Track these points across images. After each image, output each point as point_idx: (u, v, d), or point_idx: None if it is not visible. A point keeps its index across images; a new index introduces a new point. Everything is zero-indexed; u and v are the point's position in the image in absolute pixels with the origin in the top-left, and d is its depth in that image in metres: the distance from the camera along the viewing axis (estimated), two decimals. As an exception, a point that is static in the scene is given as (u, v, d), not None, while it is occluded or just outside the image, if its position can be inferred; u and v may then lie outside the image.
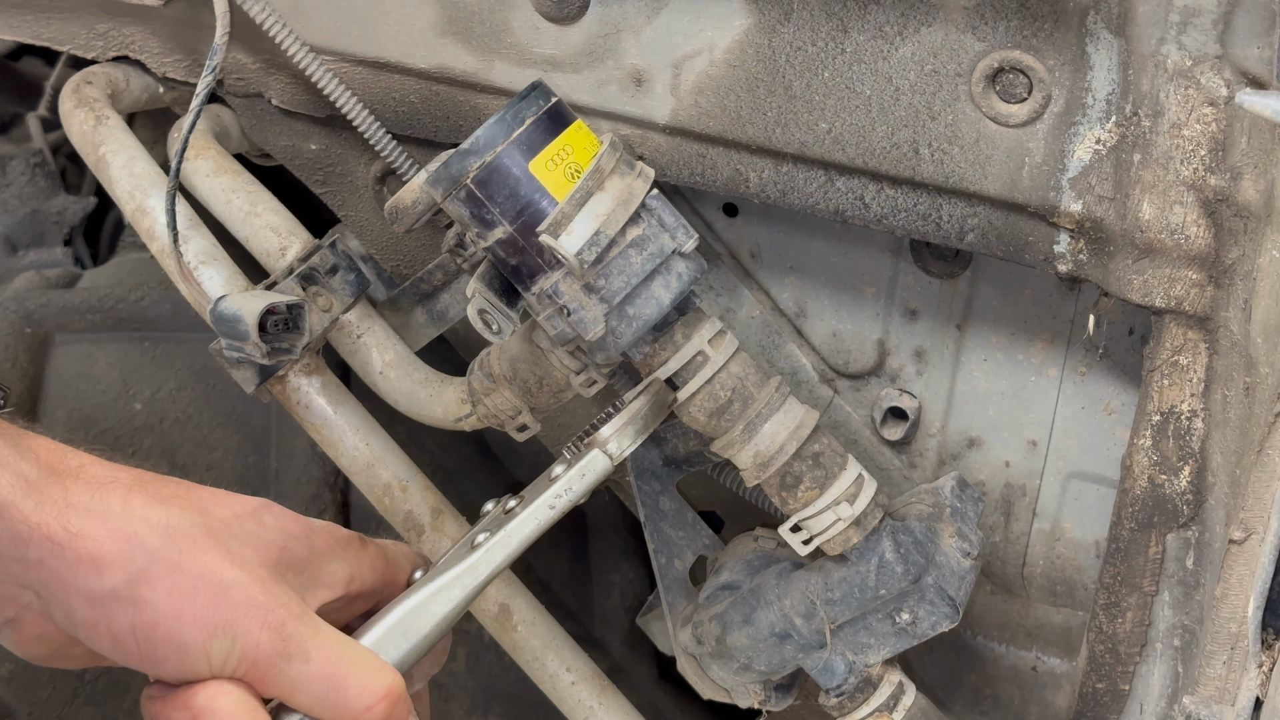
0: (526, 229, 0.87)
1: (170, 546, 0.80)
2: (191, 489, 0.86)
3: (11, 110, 2.02)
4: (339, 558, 0.88)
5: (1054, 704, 1.21)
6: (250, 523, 0.85)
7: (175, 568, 0.79)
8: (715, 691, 1.06)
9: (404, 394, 1.16)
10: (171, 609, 0.78)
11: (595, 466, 0.91)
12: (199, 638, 0.78)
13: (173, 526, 0.81)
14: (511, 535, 0.90)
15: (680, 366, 0.93)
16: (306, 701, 0.81)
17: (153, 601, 0.78)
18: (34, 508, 0.78)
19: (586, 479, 0.91)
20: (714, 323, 0.94)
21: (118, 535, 0.79)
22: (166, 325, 1.55)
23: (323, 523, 0.90)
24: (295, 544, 0.85)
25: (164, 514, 0.81)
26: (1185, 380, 0.92)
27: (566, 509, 0.91)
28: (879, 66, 0.96)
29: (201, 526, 0.82)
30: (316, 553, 0.87)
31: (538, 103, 0.88)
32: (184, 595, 0.78)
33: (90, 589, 0.78)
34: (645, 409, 0.93)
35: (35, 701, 1.46)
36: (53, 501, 0.79)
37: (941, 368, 1.18)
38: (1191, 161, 0.87)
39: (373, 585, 0.90)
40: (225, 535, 0.82)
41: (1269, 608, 0.85)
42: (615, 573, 1.63)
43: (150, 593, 0.78)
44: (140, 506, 0.81)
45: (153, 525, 0.80)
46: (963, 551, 0.98)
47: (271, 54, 1.16)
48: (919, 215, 1.00)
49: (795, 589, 0.98)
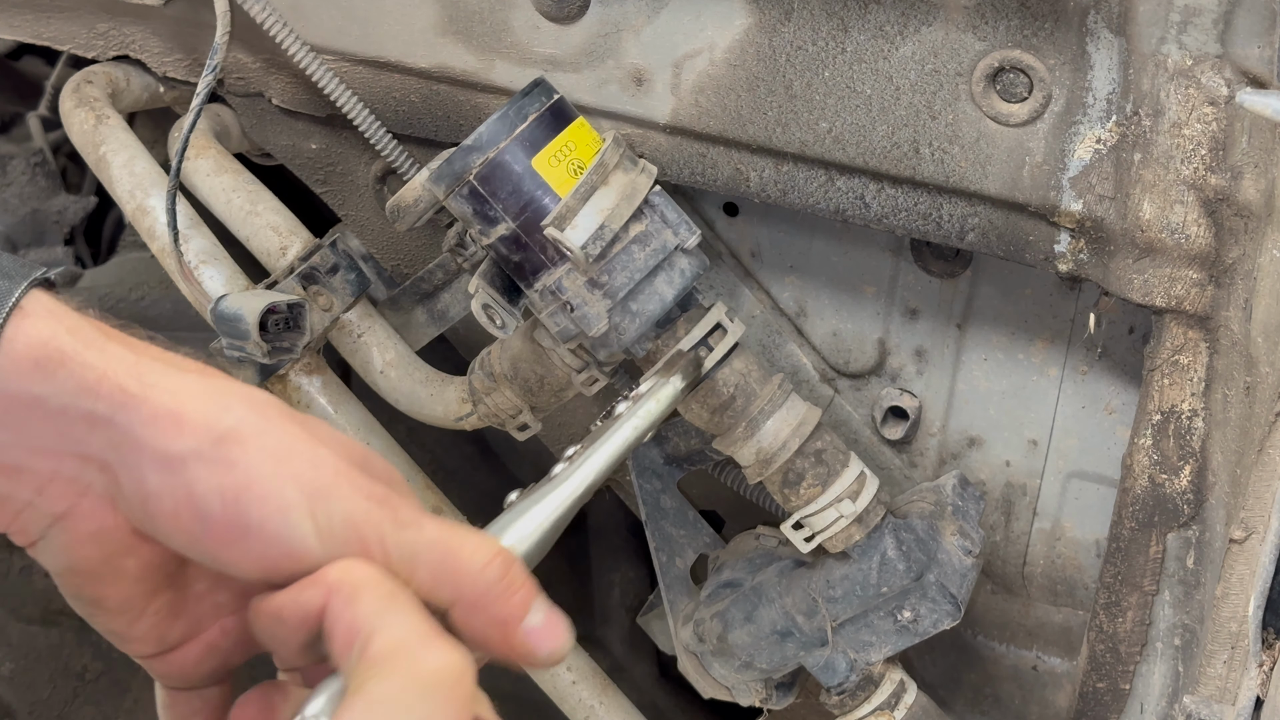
0: (530, 225, 0.87)
1: (256, 413, 0.70)
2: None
3: (12, 110, 2.02)
4: (411, 495, 0.76)
5: (1054, 703, 1.21)
6: (326, 429, 0.75)
7: (265, 431, 0.69)
8: (716, 690, 1.06)
9: (405, 393, 1.16)
10: (266, 469, 0.68)
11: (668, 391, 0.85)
12: (299, 498, 0.68)
13: (256, 396, 0.71)
14: (607, 440, 0.81)
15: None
16: (424, 574, 0.69)
17: (243, 463, 0.68)
18: (98, 356, 0.68)
19: (665, 399, 0.85)
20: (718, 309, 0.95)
21: (199, 394, 0.69)
22: (167, 324, 1.54)
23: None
24: (374, 461, 0.75)
25: (245, 390, 0.72)
26: (1186, 379, 0.92)
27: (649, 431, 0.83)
28: (879, 66, 0.96)
29: (285, 409, 0.72)
30: (395, 481, 0.76)
31: (540, 99, 0.88)
32: (278, 458, 0.69)
33: (170, 449, 0.68)
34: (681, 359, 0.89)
35: (35, 701, 1.46)
36: (119, 359, 0.69)
37: (942, 367, 1.18)
38: (1192, 161, 0.87)
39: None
40: (312, 422, 0.73)
41: (1269, 607, 0.85)
42: (616, 572, 1.63)
43: (240, 453, 0.68)
44: (219, 378, 0.72)
45: (236, 393, 0.71)
46: (964, 549, 0.98)
47: (272, 53, 1.16)
48: (919, 215, 1.00)
49: (797, 587, 0.98)
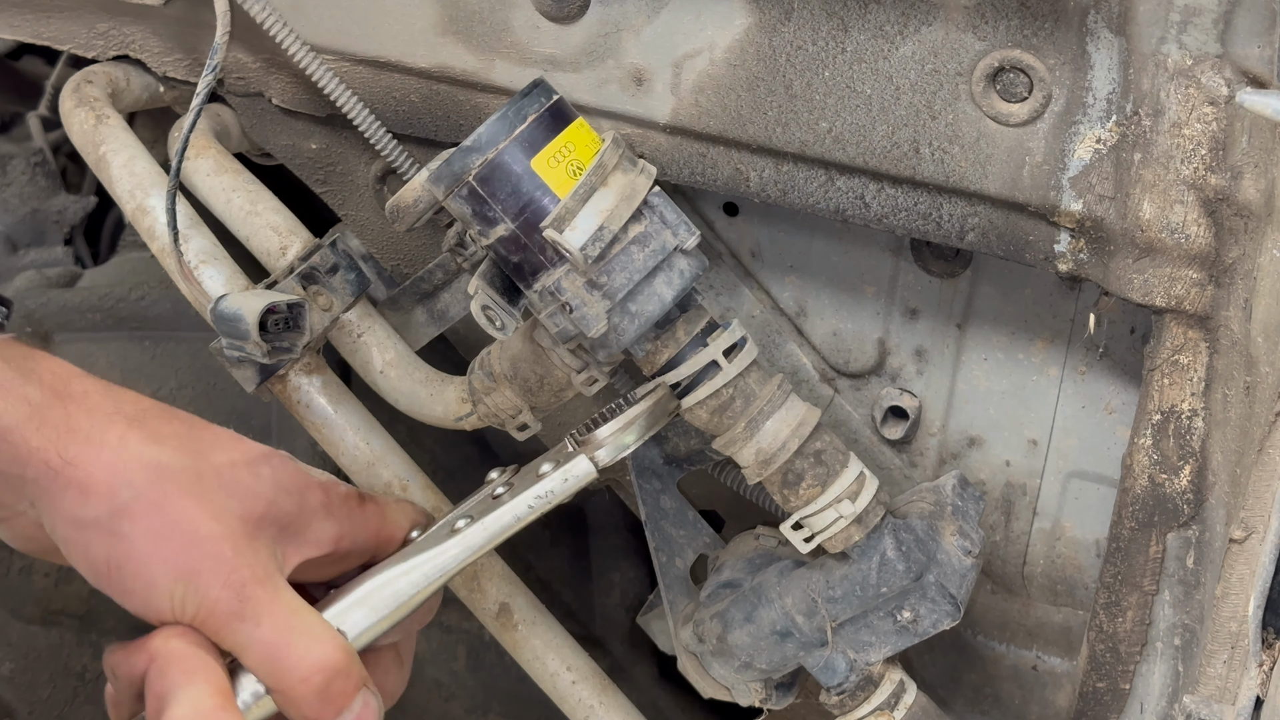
0: (529, 226, 0.87)
1: (155, 487, 0.83)
2: (194, 428, 0.88)
3: (12, 109, 2.02)
4: (330, 515, 0.89)
5: (1054, 703, 1.21)
6: (245, 472, 0.87)
7: (155, 509, 0.82)
8: (716, 690, 1.06)
9: (404, 393, 1.16)
10: (145, 547, 0.82)
11: (579, 472, 0.92)
12: (166, 579, 0.81)
13: (163, 467, 0.83)
14: (489, 527, 0.91)
15: (692, 373, 0.93)
16: (251, 663, 0.83)
17: (129, 537, 0.82)
18: (35, 432, 0.82)
19: (569, 484, 0.92)
20: (733, 332, 0.94)
21: (107, 468, 0.82)
22: (167, 324, 1.54)
23: (323, 477, 0.92)
24: (285, 498, 0.87)
25: (157, 453, 0.84)
26: (1186, 379, 0.92)
27: (546, 509, 0.92)
28: (879, 66, 0.96)
29: (191, 471, 0.84)
30: (307, 508, 0.88)
31: (539, 100, 0.88)
32: (158, 537, 0.82)
33: (75, 514, 0.82)
34: (645, 414, 0.93)
35: (35, 701, 1.46)
36: (53, 426, 0.82)
37: (942, 367, 1.18)
38: (1192, 161, 0.87)
39: (365, 544, 0.92)
40: (214, 483, 0.85)
41: (1269, 607, 0.85)
42: (616, 571, 1.63)
43: (129, 528, 0.82)
44: (136, 443, 0.84)
45: (144, 464, 0.83)
46: (964, 550, 0.98)
47: (272, 53, 1.16)
48: (919, 214, 1.00)
49: (797, 587, 0.98)
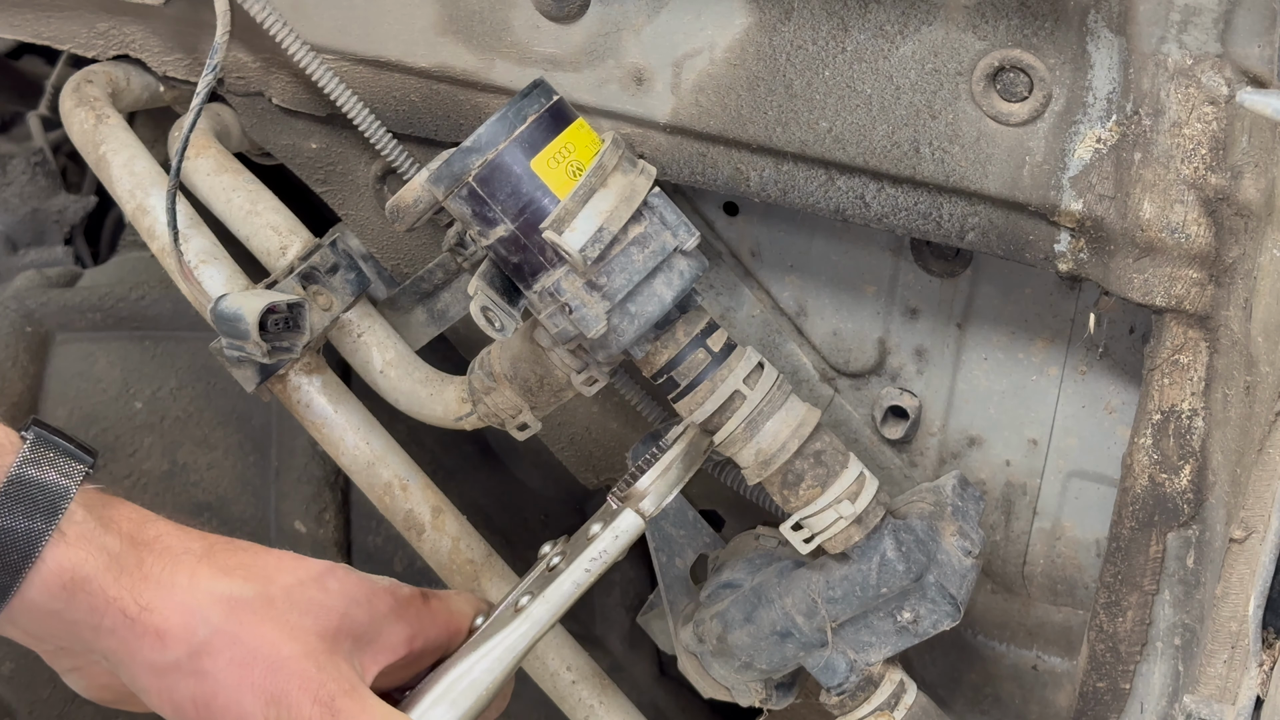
0: (528, 227, 0.87)
1: (231, 619, 0.84)
2: (258, 556, 0.90)
3: (12, 109, 2.02)
4: (400, 619, 0.91)
5: (1054, 703, 1.21)
6: (313, 589, 0.88)
7: (234, 640, 0.84)
8: (716, 690, 1.06)
9: (404, 393, 1.16)
10: (230, 679, 0.83)
11: (629, 527, 0.93)
12: (256, 706, 0.83)
13: (235, 598, 0.85)
14: (551, 600, 0.92)
15: (717, 408, 0.93)
16: None
17: (213, 673, 0.83)
18: (113, 581, 0.83)
19: (620, 540, 0.93)
20: (750, 358, 0.94)
21: (182, 609, 0.84)
22: (167, 324, 1.54)
23: (386, 582, 0.93)
24: (356, 609, 0.89)
25: (228, 586, 0.86)
26: (1186, 379, 0.92)
27: (603, 570, 0.93)
28: (880, 65, 0.96)
29: (263, 597, 0.86)
30: (377, 616, 0.90)
31: (539, 101, 0.88)
32: (242, 667, 0.83)
33: (155, 661, 0.84)
34: (680, 457, 0.95)
35: (35, 701, 1.46)
36: (129, 574, 0.84)
37: (942, 366, 1.18)
38: (1192, 160, 0.87)
39: (437, 640, 0.93)
40: (285, 605, 0.86)
41: (1269, 606, 0.85)
42: (616, 571, 1.62)
43: (210, 664, 0.83)
44: (206, 579, 0.86)
45: (216, 598, 0.85)
46: (964, 550, 0.98)
47: (272, 53, 1.16)
48: (919, 214, 1.00)
49: (797, 587, 0.98)
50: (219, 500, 1.50)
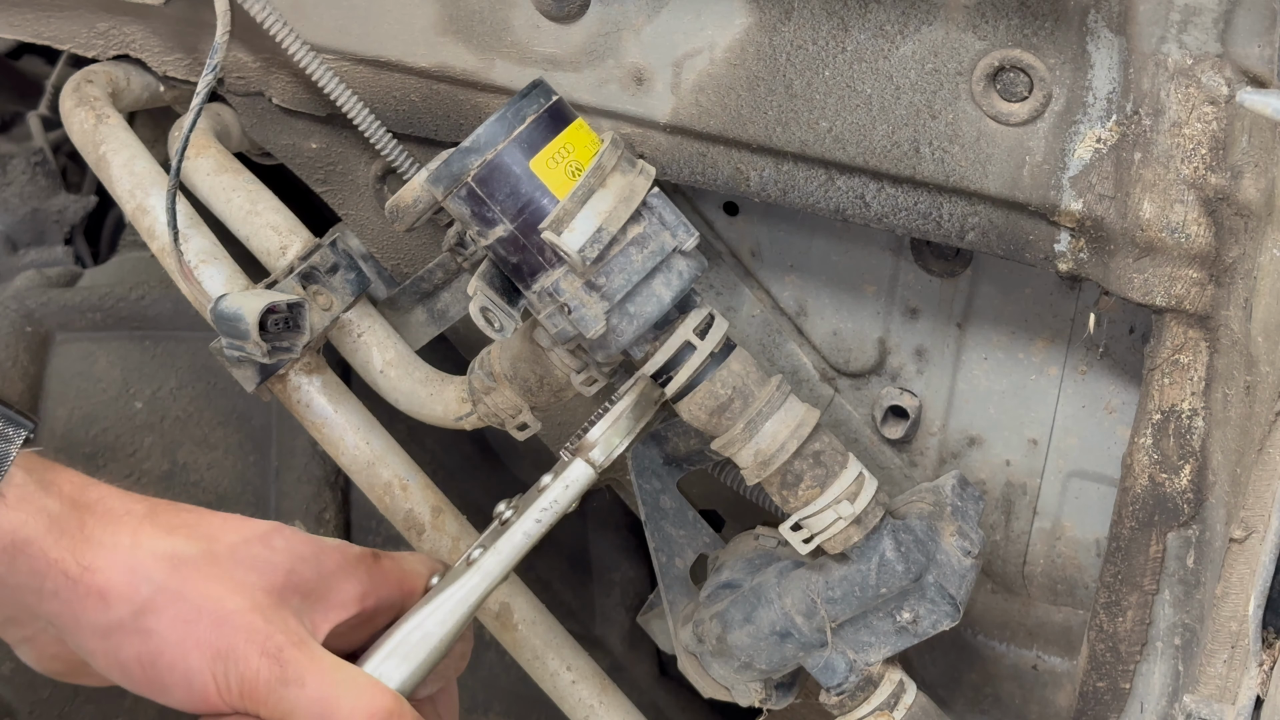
0: (527, 227, 0.87)
1: (174, 576, 0.83)
2: (202, 516, 0.88)
3: (12, 109, 2.02)
4: (350, 577, 0.90)
5: (1054, 703, 1.21)
6: (258, 547, 0.87)
7: (178, 597, 0.82)
8: (716, 690, 1.06)
9: (404, 393, 1.16)
10: (175, 636, 0.82)
11: (579, 476, 0.93)
12: (203, 662, 0.81)
13: (178, 556, 0.84)
14: (502, 551, 0.92)
15: (666, 359, 0.93)
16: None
17: (157, 631, 0.82)
18: (53, 543, 0.82)
19: (571, 489, 0.93)
20: (700, 312, 0.93)
21: (125, 569, 0.83)
22: (167, 324, 1.55)
23: (334, 541, 0.92)
24: (303, 566, 0.88)
25: (171, 544, 0.84)
26: (1186, 379, 0.92)
27: (554, 520, 0.93)
28: (880, 65, 0.96)
29: (207, 554, 0.85)
30: (325, 574, 0.89)
31: (538, 101, 0.88)
32: (187, 623, 0.82)
33: (98, 621, 0.82)
34: (629, 409, 0.95)
35: (35, 700, 1.46)
36: (70, 536, 0.83)
37: (942, 366, 1.18)
38: (1192, 160, 0.87)
39: (389, 600, 0.92)
40: (230, 562, 0.85)
41: (1269, 606, 0.85)
42: (616, 571, 1.63)
43: (155, 623, 0.82)
44: (149, 538, 0.84)
45: (159, 556, 0.84)
46: (964, 550, 0.98)
47: (272, 53, 1.16)
48: (919, 214, 1.00)
49: (796, 587, 0.98)
50: (219, 500, 1.50)
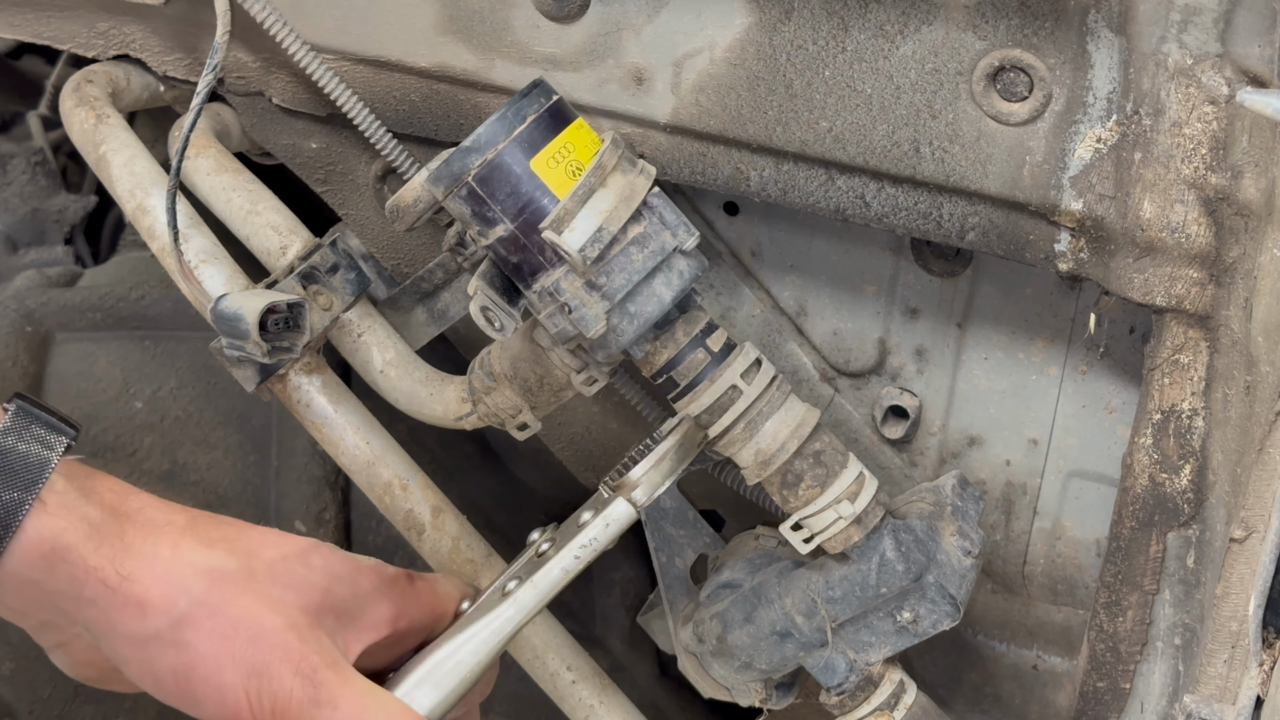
0: (528, 227, 0.87)
1: (213, 591, 0.83)
2: (242, 530, 0.89)
3: (12, 109, 2.02)
4: (384, 598, 0.90)
5: (1055, 702, 1.21)
6: (296, 564, 0.87)
7: (216, 612, 0.83)
8: (716, 690, 1.06)
9: (404, 392, 1.16)
10: (211, 651, 0.82)
11: (620, 515, 0.93)
12: (237, 678, 0.82)
13: (217, 570, 0.84)
14: (539, 585, 0.92)
15: (712, 402, 0.93)
16: None
17: (193, 644, 0.82)
18: (93, 551, 0.82)
19: (611, 528, 0.93)
20: (747, 354, 0.94)
21: (164, 580, 0.83)
22: (167, 324, 1.55)
23: (370, 561, 0.93)
24: (339, 586, 0.88)
25: (210, 557, 0.85)
26: (1186, 379, 0.92)
27: (593, 558, 0.93)
28: (880, 65, 0.96)
29: (245, 570, 0.85)
30: (361, 594, 0.89)
31: (539, 100, 0.88)
32: (223, 638, 0.82)
33: (135, 631, 0.83)
34: (674, 449, 0.94)
35: (36, 700, 1.46)
36: (110, 544, 0.83)
37: (942, 366, 1.18)
38: (1192, 160, 0.87)
39: (421, 622, 0.93)
40: (268, 579, 0.85)
41: (1270, 606, 0.85)
42: (616, 571, 1.63)
43: (191, 636, 0.82)
44: (189, 550, 0.85)
45: (198, 570, 0.84)
46: (964, 550, 0.98)
47: (272, 52, 1.16)
48: (920, 214, 1.00)
49: (796, 587, 0.98)
50: (219, 500, 1.50)
